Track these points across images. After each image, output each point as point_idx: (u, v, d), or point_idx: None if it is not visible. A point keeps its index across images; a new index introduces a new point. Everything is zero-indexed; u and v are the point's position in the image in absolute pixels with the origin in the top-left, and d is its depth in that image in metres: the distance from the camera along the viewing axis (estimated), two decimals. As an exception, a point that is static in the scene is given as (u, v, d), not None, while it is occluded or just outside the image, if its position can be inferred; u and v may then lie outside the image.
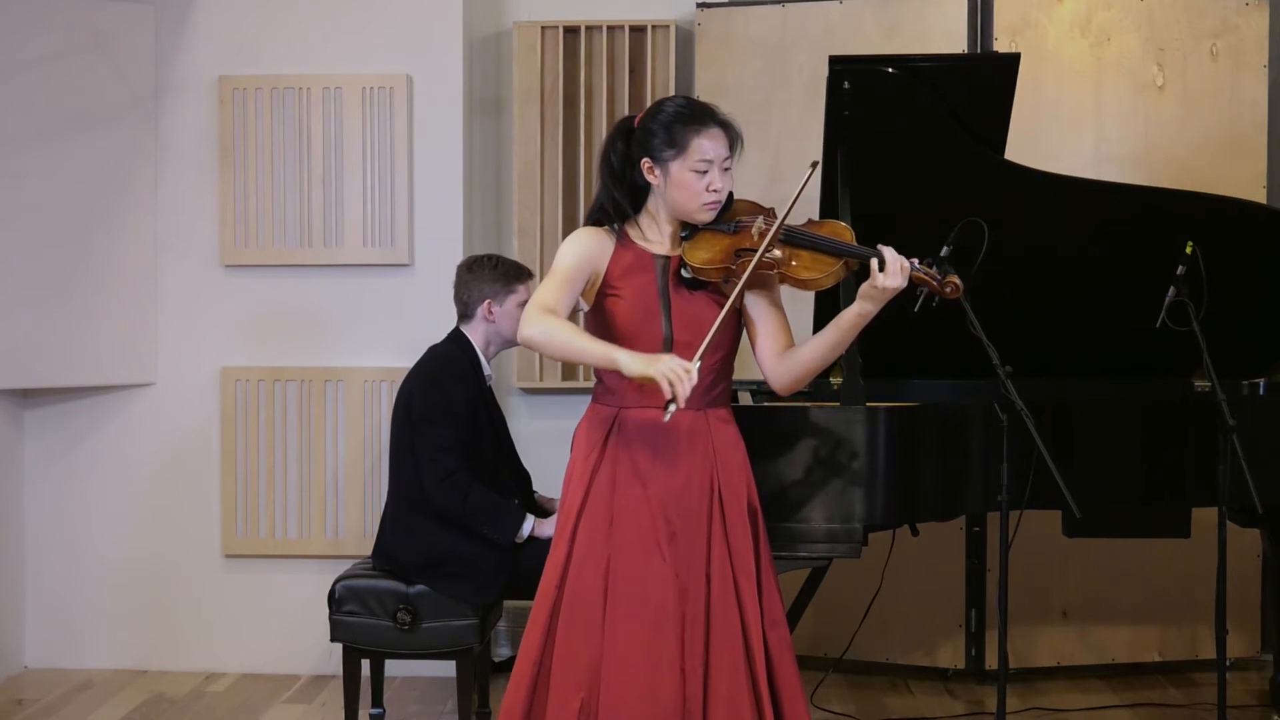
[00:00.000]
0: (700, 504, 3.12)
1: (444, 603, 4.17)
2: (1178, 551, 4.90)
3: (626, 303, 3.13)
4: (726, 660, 3.06)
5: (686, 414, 3.09)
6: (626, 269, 3.15)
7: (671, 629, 3.05)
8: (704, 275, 3.11)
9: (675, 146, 3.11)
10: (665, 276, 3.14)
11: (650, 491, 3.10)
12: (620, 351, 2.98)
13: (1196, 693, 4.96)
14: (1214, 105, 5.17)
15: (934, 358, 4.23)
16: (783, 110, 5.28)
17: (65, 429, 5.33)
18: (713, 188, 3.11)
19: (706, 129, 3.12)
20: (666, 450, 3.11)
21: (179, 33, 5.27)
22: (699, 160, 3.10)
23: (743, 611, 3.10)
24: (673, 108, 3.17)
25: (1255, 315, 4.44)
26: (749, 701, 3.07)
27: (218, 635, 5.32)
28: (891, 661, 5.23)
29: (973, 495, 3.91)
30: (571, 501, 3.15)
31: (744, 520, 3.15)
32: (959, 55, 5.03)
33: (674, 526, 3.09)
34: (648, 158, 3.14)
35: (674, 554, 3.08)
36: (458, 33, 5.27)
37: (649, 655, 3.04)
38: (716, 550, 3.10)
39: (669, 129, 3.12)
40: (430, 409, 4.19)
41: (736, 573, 3.11)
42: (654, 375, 2.89)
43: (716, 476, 3.14)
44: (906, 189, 4.14)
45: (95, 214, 5.21)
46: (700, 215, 3.14)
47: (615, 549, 3.09)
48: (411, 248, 5.25)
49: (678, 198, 3.13)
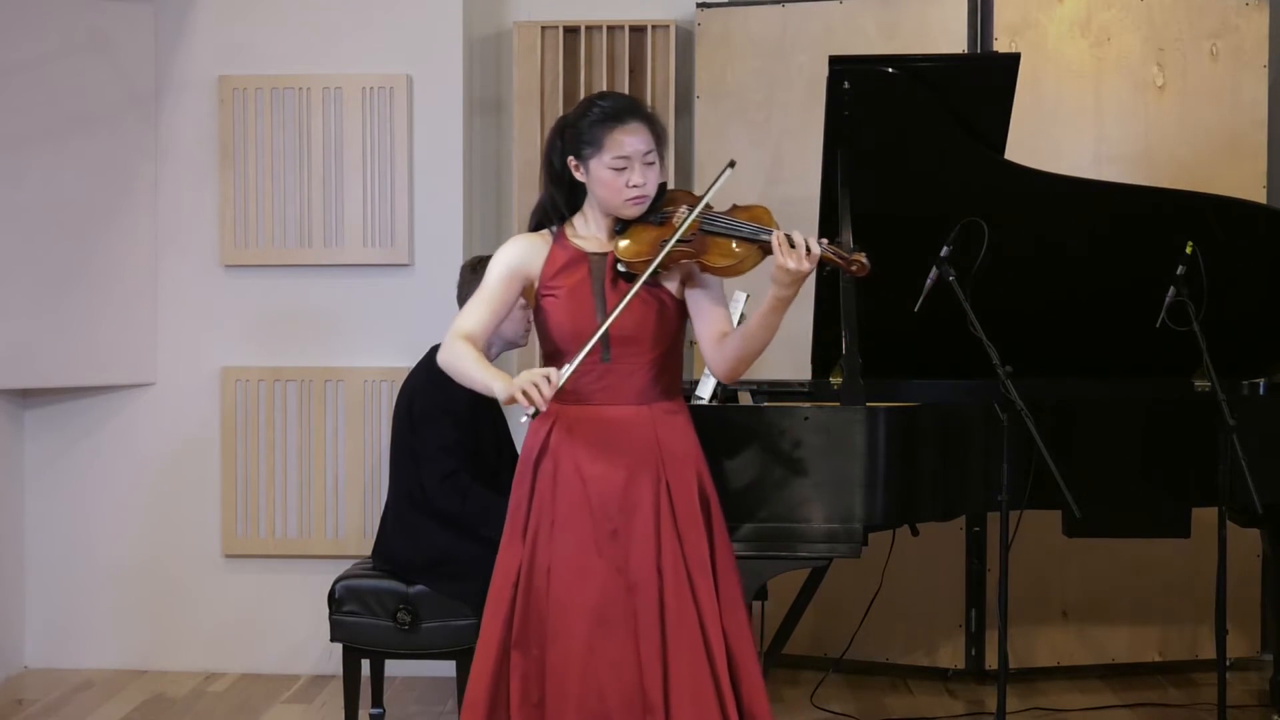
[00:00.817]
0: (646, 498, 3.12)
1: (444, 603, 4.17)
2: (1178, 551, 4.90)
3: (562, 302, 3.14)
4: (685, 652, 3.07)
5: (628, 409, 3.13)
6: (561, 268, 3.16)
7: (617, 627, 3.07)
8: (635, 269, 3.10)
9: (594, 144, 3.12)
10: (601, 273, 3.15)
11: (590, 490, 3.11)
12: (494, 379, 3.04)
13: (1196, 693, 4.96)
14: (1214, 105, 5.17)
15: (934, 358, 4.23)
16: (783, 110, 5.28)
17: (65, 429, 5.33)
18: (632, 183, 3.11)
19: (624, 125, 3.12)
20: (607, 446, 3.12)
21: (179, 33, 5.27)
22: (615, 157, 3.11)
23: (698, 602, 3.10)
24: (593, 105, 3.19)
25: (1255, 315, 4.44)
26: (710, 691, 3.07)
27: (218, 635, 5.32)
28: (891, 661, 5.23)
29: (973, 495, 3.91)
30: (518, 501, 3.19)
31: (695, 511, 3.15)
32: (959, 55, 5.03)
33: (614, 524, 3.10)
34: (573, 156, 3.17)
35: (615, 551, 3.09)
36: (458, 33, 5.27)
37: (588, 656, 3.05)
38: (666, 543, 3.10)
39: (590, 127, 3.14)
40: (431, 408, 4.19)
41: (689, 564, 3.10)
42: (514, 395, 2.95)
43: (662, 469, 3.14)
44: (906, 189, 4.14)
45: (95, 214, 5.21)
46: (626, 210, 3.14)
47: (554, 551, 3.12)
48: (411, 248, 5.25)
49: (602, 195, 3.15)
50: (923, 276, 3.79)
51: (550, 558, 3.11)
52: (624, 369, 3.13)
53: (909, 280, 3.83)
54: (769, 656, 4.46)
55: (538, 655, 3.10)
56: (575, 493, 3.12)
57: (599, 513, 3.10)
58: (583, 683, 3.05)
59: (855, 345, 3.79)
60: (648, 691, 3.05)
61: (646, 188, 3.13)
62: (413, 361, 4.40)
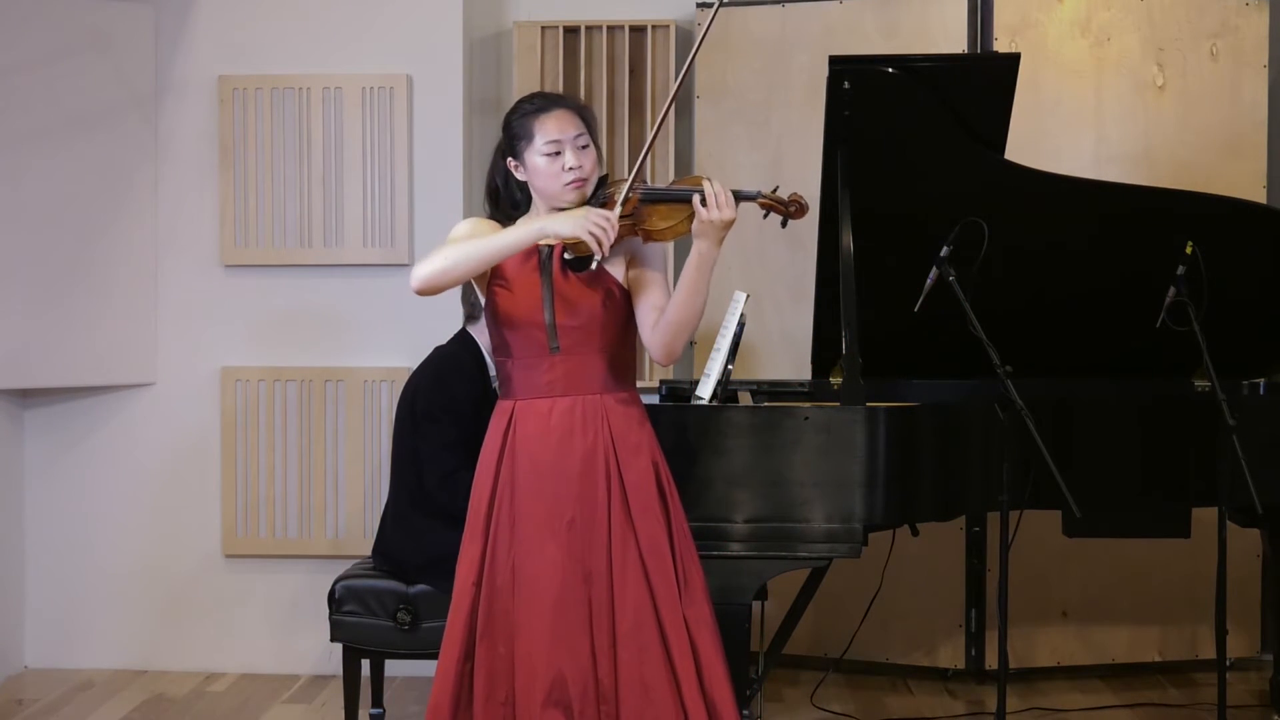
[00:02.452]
0: (597, 488, 3.13)
1: (444, 602, 4.11)
2: (1178, 551, 4.90)
3: (512, 293, 3.16)
4: (634, 642, 3.08)
5: (583, 399, 3.14)
6: (513, 261, 3.16)
7: (575, 614, 3.08)
8: (583, 250, 3.11)
9: (526, 136, 3.17)
10: (549, 265, 3.15)
11: (545, 481, 3.13)
12: (544, 220, 3.09)
13: (1196, 693, 4.96)
14: (1214, 105, 5.17)
15: (934, 358, 4.23)
16: (783, 110, 5.28)
17: (65, 429, 5.33)
18: (568, 166, 3.14)
19: (550, 112, 3.17)
20: (561, 438, 3.14)
21: (179, 33, 5.27)
22: (547, 142, 3.15)
23: (653, 592, 3.10)
24: (521, 104, 3.25)
25: (1255, 315, 4.44)
26: (665, 682, 3.07)
27: (218, 635, 5.32)
28: (891, 661, 5.23)
29: (973, 495, 3.91)
30: (480, 497, 3.20)
31: (651, 501, 3.14)
32: (959, 55, 5.03)
33: (570, 513, 3.12)
34: (510, 157, 3.21)
35: (571, 539, 3.11)
36: (458, 33, 5.27)
37: (553, 644, 3.08)
38: (617, 533, 3.11)
39: (520, 122, 3.19)
40: (433, 407, 4.19)
41: (644, 554, 3.11)
42: (580, 234, 3.00)
43: (613, 459, 3.14)
44: (906, 189, 4.14)
45: (95, 214, 5.21)
46: (566, 195, 3.16)
47: (517, 543, 3.14)
48: (411, 248, 5.25)
49: (542, 185, 3.18)
50: (923, 276, 3.79)
51: (513, 552, 3.14)
52: (575, 360, 3.14)
53: (909, 280, 3.84)
54: (769, 656, 4.47)
55: (505, 652, 3.12)
56: (532, 485, 3.14)
57: (555, 504, 3.12)
58: (548, 671, 3.07)
59: (855, 345, 3.80)
60: (601, 680, 3.07)
61: (583, 170, 3.16)
62: (413, 361, 4.40)
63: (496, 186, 3.29)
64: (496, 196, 3.29)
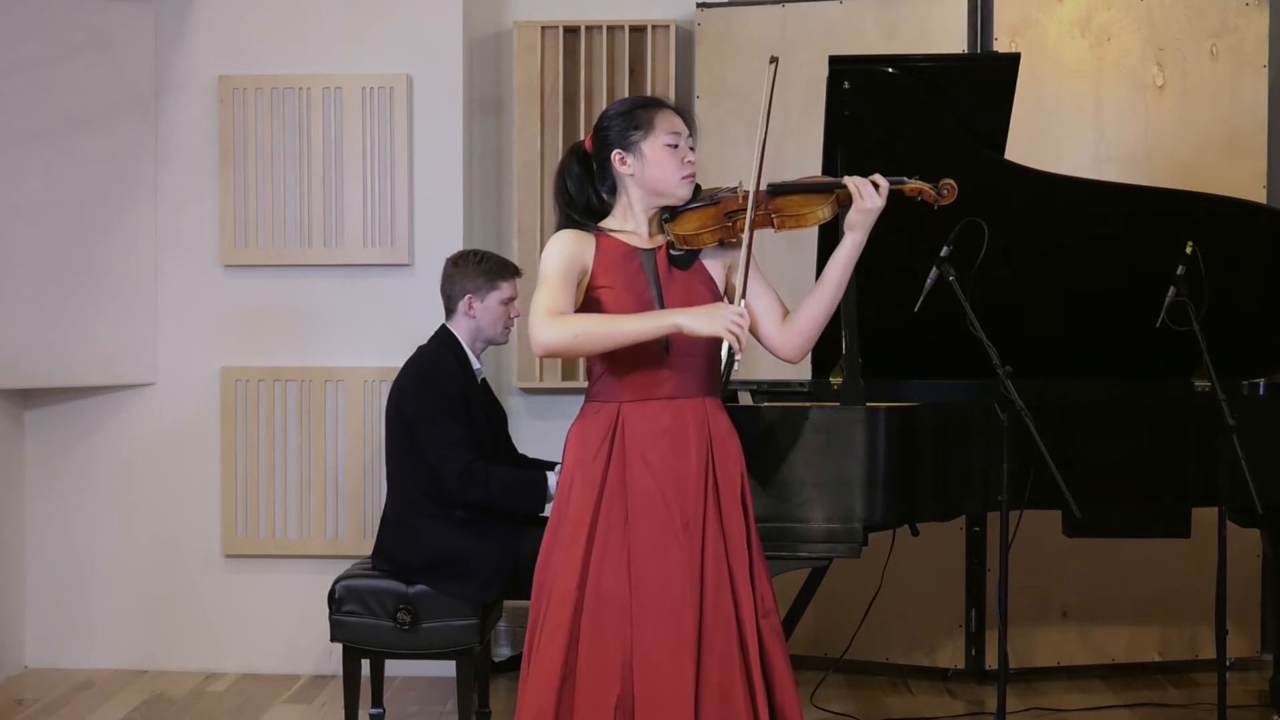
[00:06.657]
0: (705, 493, 3.12)
1: (444, 602, 4.17)
2: (1178, 551, 4.90)
3: (617, 293, 3.11)
4: (719, 648, 3.07)
5: (689, 401, 3.13)
6: (612, 262, 3.14)
7: (690, 615, 3.06)
8: (697, 243, 3.13)
9: (642, 128, 3.16)
10: (653, 266, 3.14)
11: (661, 483, 3.09)
12: (677, 314, 3.03)
13: (1196, 693, 4.96)
14: (1214, 105, 5.17)
15: (934, 358, 4.23)
16: (783, 110, 5.25)
17: (65, 429, 5.33)
18: (687, 160, 3.16)
19: (665, 109, 3.20)
20: (673, 440, 3.11)
21: (179, 33, 5.27)
22: (669, 134, 3.16)
23: (737, 600, 3.10)
24: (632, 99, 3.27)
25: (1255, 315, 4.44)
26: (742, 688, 3.07)
27: (218, 635, 5.32)
28: (891, 661, 5.23)
29: (973, 495, 3.91)
30: (583, 503, 3.12)
31: (738, 509, 3.15)
32: (959, 55, 5.03)
33: (686, 515, 3.09)
34: (617, 149, 3.17)
35: (689, 542, 3.08)
36: (458, 33, 5.27)
37: (675, 643, 3.04)
38: (711, 538, 3.10)
39: (630, 116, 3.18)
40: (425, 409, 4.18)
41: (731, 561, 3.11)
42: (719, 333, 2.97)
43: (713, 465, 3.14)
44: (907, 189, 4.14)
45: (95, 214, 5.21)
46: (681, 189, 3.17)
47: (634, 544, 3.08)
48: (411, 248, 5.25)
49: (657, 175, 3.15)
50: (923, 276, 3.79)
51: (629, 551, 3.07)
52: (682, 361, 3.12)
53: (909, 280, 3.83)
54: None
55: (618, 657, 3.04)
56: (646, 486, 3.09)
57: (671, 506, 3.08)
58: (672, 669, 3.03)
59: (855, 345, 3.80)
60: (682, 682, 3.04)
61: (695, 167, 3.19)
62: (413, 362, 4.40)
63: (569, 191, 3.22)
64: (571, 200, 3.22)
